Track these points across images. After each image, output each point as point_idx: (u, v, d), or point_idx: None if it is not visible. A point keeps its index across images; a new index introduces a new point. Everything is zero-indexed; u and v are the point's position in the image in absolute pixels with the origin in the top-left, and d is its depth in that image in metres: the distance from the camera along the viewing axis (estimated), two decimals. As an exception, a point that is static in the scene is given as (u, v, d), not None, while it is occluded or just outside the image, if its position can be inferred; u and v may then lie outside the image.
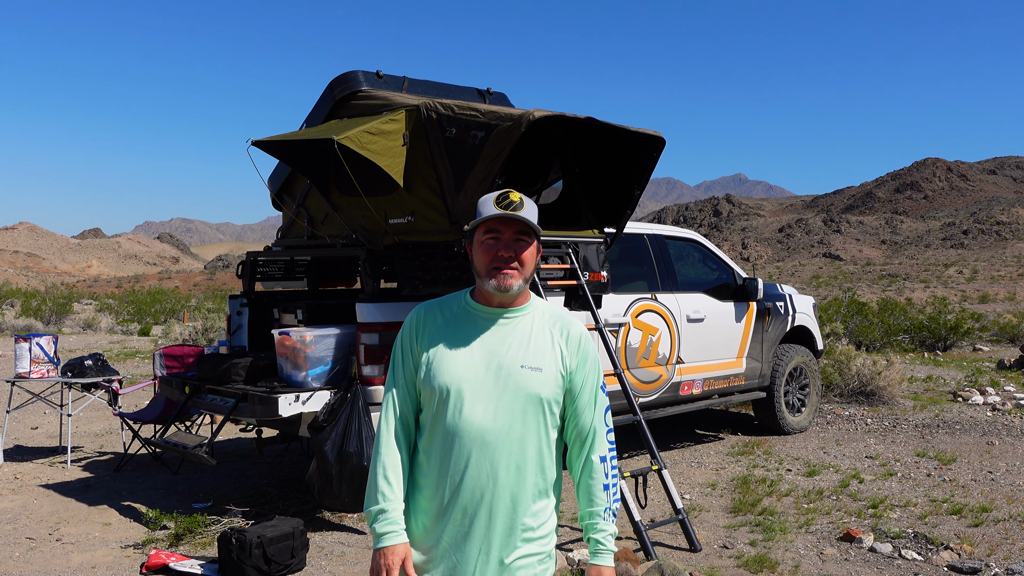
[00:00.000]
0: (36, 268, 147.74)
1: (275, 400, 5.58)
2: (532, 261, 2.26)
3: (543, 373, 2.23)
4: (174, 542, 5.42)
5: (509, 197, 2.21)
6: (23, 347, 7.82)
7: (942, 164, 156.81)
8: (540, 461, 2.25)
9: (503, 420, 2.20)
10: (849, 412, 10.10)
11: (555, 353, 2.26)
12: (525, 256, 2.23)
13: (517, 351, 2.24)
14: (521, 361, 2.22)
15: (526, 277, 2.24)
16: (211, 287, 79.31)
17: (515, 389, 2.20)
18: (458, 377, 2.22)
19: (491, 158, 5.52)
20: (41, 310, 27.83)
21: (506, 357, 2.23)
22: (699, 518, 6.05)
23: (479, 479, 2.19)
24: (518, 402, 2.20)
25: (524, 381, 2.21)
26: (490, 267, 2.22)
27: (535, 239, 2.26)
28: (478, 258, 2.25)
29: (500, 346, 2.24)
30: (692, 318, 7.71)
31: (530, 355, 2.23)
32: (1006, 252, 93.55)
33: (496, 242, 2.22)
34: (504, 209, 2.19)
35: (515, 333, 2.26)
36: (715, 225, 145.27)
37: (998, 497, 6.52)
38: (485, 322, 2.27)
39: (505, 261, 2.21)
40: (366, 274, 6.11)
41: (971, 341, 20.69)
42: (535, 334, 2.27)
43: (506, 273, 2.21)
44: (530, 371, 2.22)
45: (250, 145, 5.93)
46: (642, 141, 6.34)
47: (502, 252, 2.21)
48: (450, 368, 2.23)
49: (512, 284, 2.21)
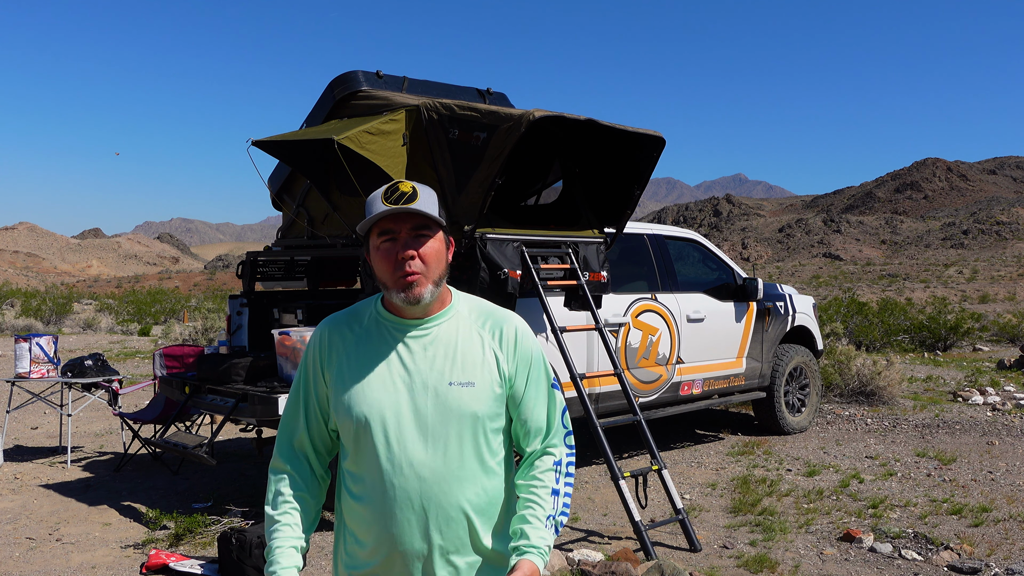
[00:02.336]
0: (36, 268, 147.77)
1: (275, 400, 5.58)
2: (440, 258, 1.92)
3: (476, 388, 1.91)
4: (174, 542, 5.42)
5: (399, 189, 1.89)
6: (23, 347, 7.82)
7: (942, 164, 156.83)
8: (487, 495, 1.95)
9: (441, 452, 1.89)
10: (849, 412, 10.10)
11: (487, 360, 1.95)
12: (428, 254, 1.89)
13: (443, 366, 1.92)
14: (449, 377, 1.91)
15: (436, 280, 1.91)
16: (211, 287, 79.33)
17: (445, 411, 1.89)
18: (379, 405, 1.90)
19: (492, 158, 5.53)
20: (41, 310, 27.83)
21: (431, 375, 1.91)
22: (699, 518, 6.05)
23: (417, 527, 1.89)
24: (452, 426, 1.89)
25: (455, 400, 1.90)
26: (395, 276, 1.88)
27: (438, 230, 1.93)
28: (378, 267, 1.92)
29: (422, 363, 1.92)
30: (692, 318, 7.71)
31: (457, 368, 1.92)
32: (1006, 252, 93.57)
33: (393, 244, 1.89)
34: (393, 204, 1.87)
35: (437, 344, 1.94)
36: (715, 225, 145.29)
37: (998, 497, 6.52)
38: (401, 335, 1.95)
39: (407, 264, 1.88)
40: (366, 274, 6.11)
41: (971, 341, 20.69)
42: (461, 342, 1.95)
43: (411, 282, 1.88)
44: (461, 388, 1.90)
45: (250, 145, 5.93)
46: (642, 141, 6.35)
47: (402, 254, 1.88)
48: (369, 395, 1.91)
49: (422, 293, 1.89)
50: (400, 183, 1.91)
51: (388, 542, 1.90)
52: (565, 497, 1.99)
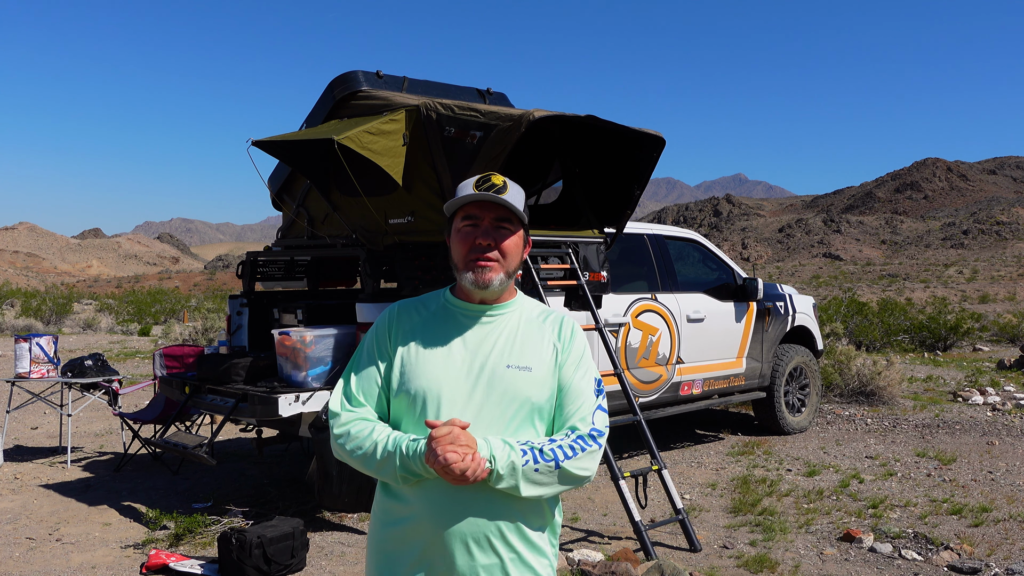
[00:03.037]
0: (36, 268, 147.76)
1: (275, 400, 5.58)
2: (516, 253, 1.99)
3: (532, 373, 1.97)
4: (174, 542, 5.42)
5: (491, 179, 1.97)
6: (23, 347, 7.82)
7: (942, 164, 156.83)
8: None
9: (486, 428, 1.92)
10: (849, 412, 10.10)
11: (545, 349, 2.01)
12: (507, 246, 1.96)
13: (502, 350, 1.98)
14: (507, 361, 1.97)
15: (509, 271, 1.98)
16: (211, 287, 79.33)
17: (501, 392, 1.94)
18: (436, 381, 1.96)
19: (491, 158, 5.52)
20: (41, 310, 27.83)
21: (489, 357, 1.97)
22: (699, 518, 6.05)
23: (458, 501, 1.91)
24: (504, 407, 1.94)
25: (511, 383, 1.95)
26: (467, 258, 1.96)
27: (520, 227, 2.00)
28: (455, 248, 1.99)
29: (483, 345, 1.99)
30: (692, 318, 7.71)
31: (516, 353, 1.98)
32: (1006, 252, 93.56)
33: (474, 229, 1.96)
34: (483, 191, 1.94)
35: (500, 331, 2.01)
36: (715, 225, 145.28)
37: (998, 497, 6.52)
38: (466, 319, 2.02)
39: (483, 250, 1.94)
40: (366, 274, 6.12)
41: (971, 341, 20.69)
42: (523, 331, 2.02)
43: (484, 266, 1.94)
44: (518, 371, 1.96)
45: (250, 145, 5.93)
46: (642, 141, 6.35)
47: (480, 240, 1.94)
48: (427, 371, 1.98)
49: (491, 279, 1.95)
50: (492, 175, 1.98)
51: (429, 520, 1.93)
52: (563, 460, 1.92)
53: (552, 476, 1.92)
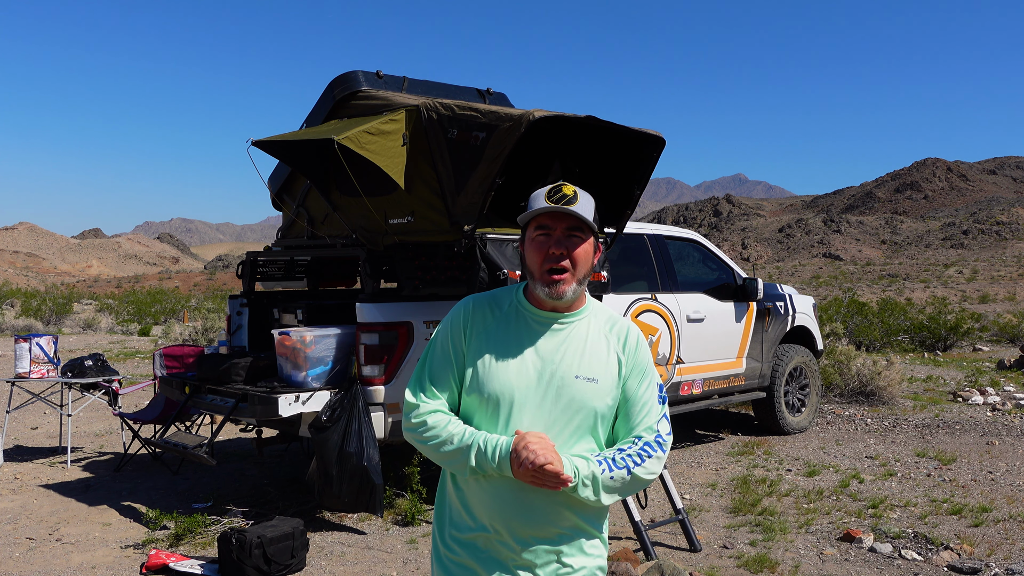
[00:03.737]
0: (36, 268, 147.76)
1: (275, 400, 5.58)
2: (587, 260, 2.08)
3: (599, 385, 2.07)
4: (174, 542, 5.42)
5: (562, 190, 2.05)
6: (23, 347, 7.82)
7: (942, 164, 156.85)
8: None
9: (552, 434, 2.04)
10: (849, 412, 10.10)
11: (611, 361, 2.11)
12: (578, 254, 2.06)
13: (572, 360, 2.08)
14: (576, 371, 2.07)
15: (580, 279, 2.08)
16: (211, 287, 79.34)
17: (568, 401, 2.05)
18: (509, 386, 2.06)
19: (492, 158, 5.52)
20: (41, 310, 27.84)
21: (560, 366, 2.07)
22: (699, 518, 6.05)
23: (522, 505, 2.04)
24: (572, 415, 2.05)
25: (579, 393, 2.06)
26: (543, 270, 2.05)
27: (590, 235, 2.09)
28: (530, 257, 2.09)
29: (554, 354, 2.08)
30: (692, 318, 7.71)
31: (585, 365, 2.08)
32: (1006, 252, 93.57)
33: (547, 239, 2.06)
34: (555, 203, 2.03)
35: (570, 340, 2.10)
36: (715, 225, 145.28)
37: (998, 497, 6.52)
38: (539, 326, 2.11)
39: (556, 260, 2.04)
40: (366, 274, 6.11)
41: (971, 341, 20.69)
42: (591, 341, 2.11)
43: (558, 279, 2.05)
44: (585, 382, 2.06)
45: (250, 145, 5.93)
46: (642, 141, 6.34)
47: (553, 249, 2.04)
48: (501, 375, 2.07)
49: (566, 291, 2.05)
50: (563, 184, 2.07)
51: (493, 514, 2.04)
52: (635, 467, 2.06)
53: (625, 483, 2.07)
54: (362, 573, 4.96)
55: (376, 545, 5.44)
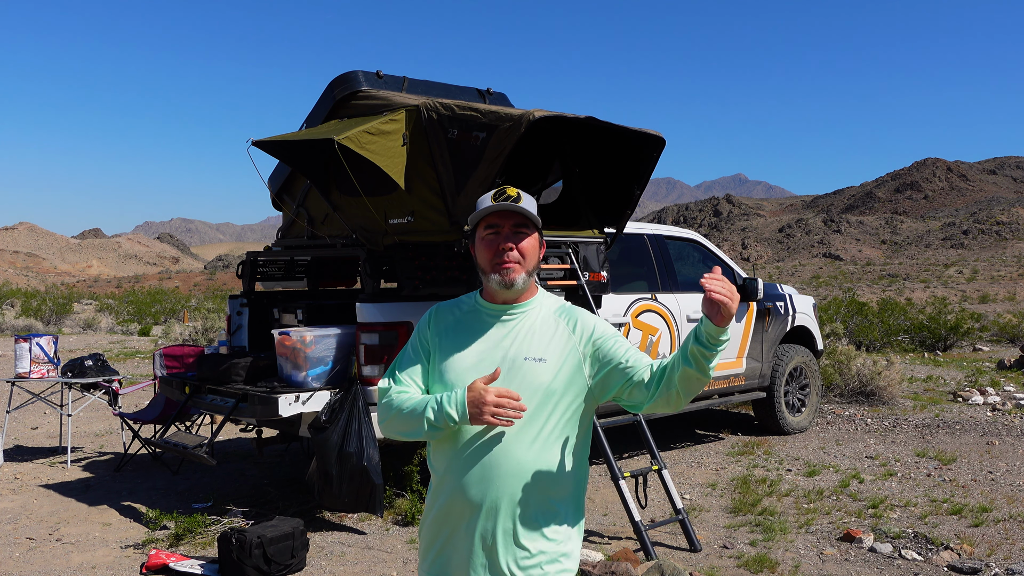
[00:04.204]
0: (36, 268, 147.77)
1: (275, 400, 5.58)
2: (534, 254, 2.28)
3: (547, 364, 2.23)
4: (174, 542, 5.42)
5: (506, 191, 2.25)
6: (23, 347, 7.82)
7: (942, 164, 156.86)
8: (547, 459, 2.21)
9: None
10: (849, 412, 10.10)
11: (561, 341, 2.27)
12: (526, 248, 2.25)
13: (521, 344, 2.26)
14: (525, 353, 2.24)
15: (529, 270, 2.27)
16: (211, 287, 79.33)
17: (520, 381, 2.20)
18: (465, 372, 2.24)
19: (492, 158, 5.52)
20: (41, 310, 27.84)
21: (510, 350, 2.25)
22: (699, 518, 6.05)
23: (480, 480, 2.19)
24: (523, 395, 2.18)
25: (529, 373, 2.22)
26: (493, 262, 2.24)
27: (535, 231, 2.28)
28: (480, 255, 2.28)
29: (504, 340, 2.27)
30: (692, 318, 7.71)
31: (534, 347, 2.25)
32: (1006, 252, 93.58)
33: (496, 236, 2.25)
34: (503, 202, 2.23)
35: (520, 327, 2.29)
36: (715, 225, 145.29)
37: (998, 497, 6.52)
38: (491, 318, 2.31)
39: (506, 254, 2.23)
40: (366, 274, 6.11)
41: (971, 341, 20.69)
42: (539, 326, 2.29)
43: (508, 267, 2.23)
44: (534, 362, 2.23)
45: (250, 145, 5.93)
46: (642, 141, 6.34)
47: (503, 245, 2.23)
48: (459, 364, 2.26)
49: (515, 278, 2.24)
50: (507, 187, 2.27)
51: (456, 492, 2.21)
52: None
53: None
54: (362, 573, 4.96)
55: (376, 545, 5.44)
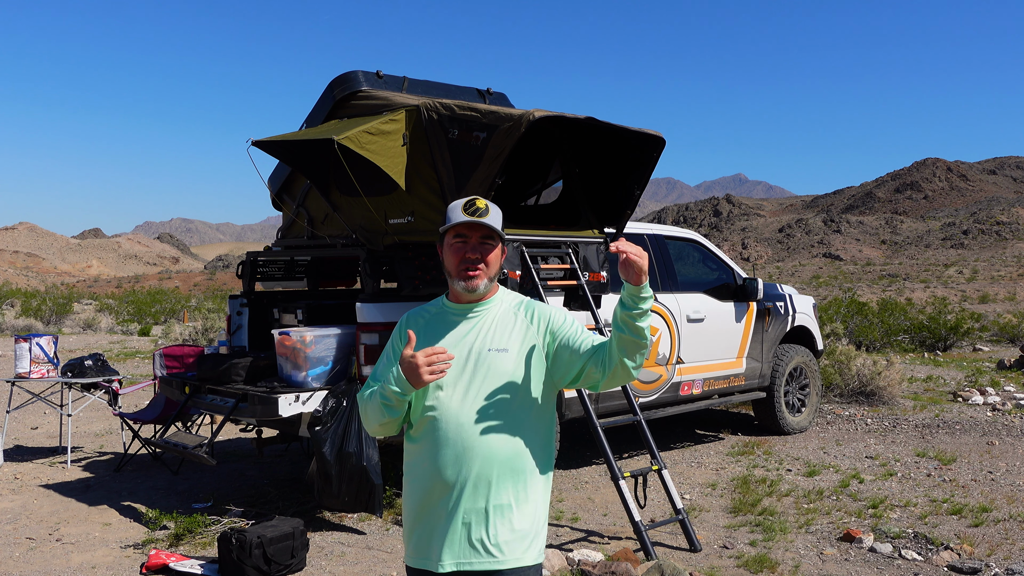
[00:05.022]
0: (36, 268, 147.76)
1: (275, 400, 5.58)
2: (497, 262, 2.50)
3: (508, 353, 2.43)
4: (174, 542, 5.42)
5: (476, 204, 2.43)
6: (23, 347, 7.83)
7: (942, 164, 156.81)
8: (516, 440, 2.39)
9: (476, 403, 2.39)
10: (849, 412, 10.10)
11: (520, 332, 2.48)
12: (490, 258, 2.46)
13: (485, 337, 2.46)
14: (489, 345, 2.44)
15: (491, 276, 2.48)
16: (211, 287, 79.33)
17: (485, 370, 2.41)
18: None
19: (492, 158, 5.53)
20: (41, 310, 27.84)
21: (475, 343, 2.45)
22: (699, 518, 6.05)
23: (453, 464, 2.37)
24: (491, 381, 2.40)
25: (493, 362, 2.42)
26: (459, 268, 2.44)
27: (499, 242, 2.49)
28: (448, 260, 2.48)
29: (471, 335, 2.46)
30: (692, 318, 7.71)
31: (496, 339, 2.45)
32: (1006, 252, 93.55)
33: (464, 245, 2.44)
34: (471, 216, 2.41)
35: (483, 322, 2.49)
36: (715, 225, 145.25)
37: (998, 497, 6.52)
38: (458, 318, 2.50)
39: (472, 263, 2.43)
40: (366, 274, 6.11)
41: (971, 341, 20.69)
42: (500, 320, 2.50)
43: (472, 274, 2.44)
44: (497, 352, 2.43)
45: (250, 145, 5.93)
46: (642, 141, 6.35)
47: (469, 254, 2.44)
48: None
49: (478, 284, 2.45)
50: (477, 199, 2.45)
51: (432, 475, 2.39)
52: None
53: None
54: (362, 573, 4.96)
55: (376, 545, 5.44)
